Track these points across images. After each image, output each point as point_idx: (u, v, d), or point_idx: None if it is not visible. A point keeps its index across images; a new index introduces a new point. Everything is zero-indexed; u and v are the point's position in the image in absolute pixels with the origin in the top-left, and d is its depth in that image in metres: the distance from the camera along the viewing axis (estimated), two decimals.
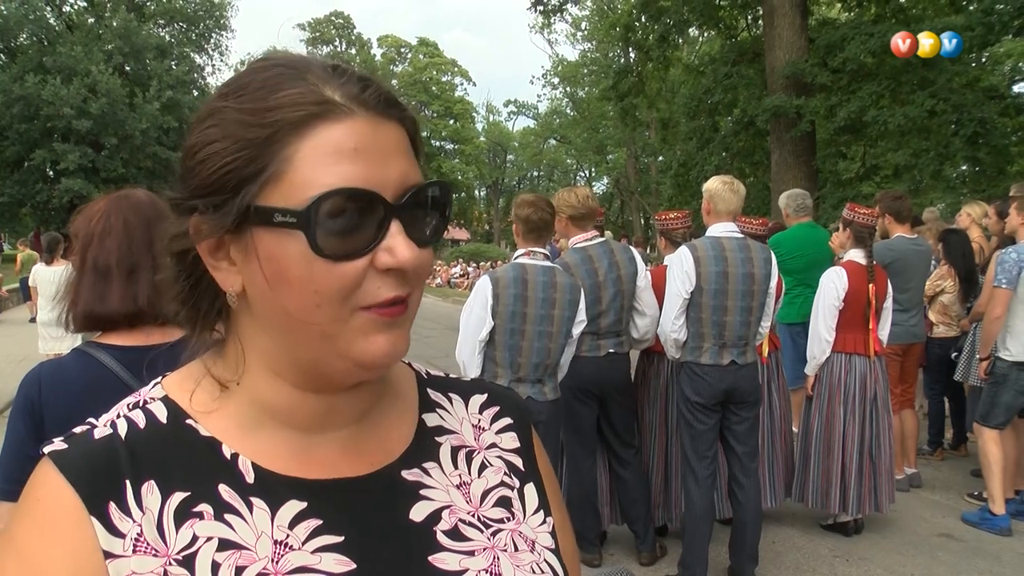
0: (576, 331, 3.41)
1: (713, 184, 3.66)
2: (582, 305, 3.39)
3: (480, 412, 0.78)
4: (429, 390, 0.77)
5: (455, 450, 0.73)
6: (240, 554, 0.59)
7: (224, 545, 0.59)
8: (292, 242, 0.56)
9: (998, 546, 4.28)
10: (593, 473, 3.90)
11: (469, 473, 0.72)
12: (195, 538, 0.58)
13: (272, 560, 0.59)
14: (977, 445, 4.85)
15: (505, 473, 0.74)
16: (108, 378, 1.40)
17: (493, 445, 0.76)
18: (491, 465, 0.74)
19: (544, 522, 0.74)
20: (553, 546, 0.73)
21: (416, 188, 0.59)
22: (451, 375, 0.82)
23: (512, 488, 0.74)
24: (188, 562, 0.57)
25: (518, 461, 0.76)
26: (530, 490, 0.75)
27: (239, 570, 0.58)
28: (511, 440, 0.77)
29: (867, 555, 4.15)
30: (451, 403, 0.77)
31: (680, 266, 3.53)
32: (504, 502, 0.72)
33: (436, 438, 0.73)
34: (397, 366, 0.76)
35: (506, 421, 0.78)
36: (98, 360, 1.43)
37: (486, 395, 0.79)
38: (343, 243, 0.56)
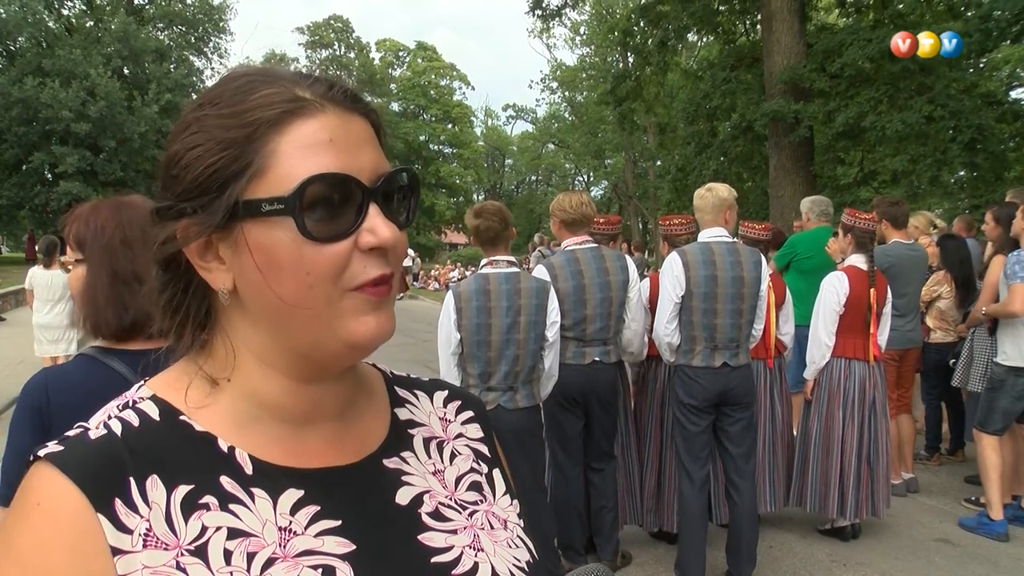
0: (551, 333, 3.36)
1: (696, 193, 3.73)
2: (552, 305, 3.35)
3: (445, 406, 0.84)
4: (396, 388, 0.83)
5: (427, 441, 0.79)
6: (249, 541, 0.61)
7: (233, 534, 0.61)
8: (281, 229, 0.60)
9: (995, 551, 4.29)
10: (580, 482, 3.85)
11: (442, 461, 0.78)
12: (204, 529, 0.61)
13: (280, 545, 0.62)
14: (975, 451, 4.85)
15: (474, 460, 0.81)
16: (119, 383, 1.38)
17: (460, 435, 0.82)
18: (460, 454, 0.80)
19: (512, 504, 0.81)
20: (522, 525, 0.79)
21: (388, 174, 0.64)
22: (411, 375, 0.87)
23: (481, 473, 0.80)
24: (200, 552, 0.59)
25: (484, 449, 0.83)
26: (497, 475, 0.82)
27: (250, 556, 0.61)
28: (475, 430, 0.84)
29: (864, 560, 4.15)
30: (417, 399, 0.83)
31: (670, 271, 3.59)
32: (476, 486, 0.79)
33: (409, 430, 0.78)
34: (365, 367, 0.80)
35: (469, 414, 0.85)
36: (108, 365, 1.42)
37: (447, 391, 0.86)
38: (328, 226, 0.61)
